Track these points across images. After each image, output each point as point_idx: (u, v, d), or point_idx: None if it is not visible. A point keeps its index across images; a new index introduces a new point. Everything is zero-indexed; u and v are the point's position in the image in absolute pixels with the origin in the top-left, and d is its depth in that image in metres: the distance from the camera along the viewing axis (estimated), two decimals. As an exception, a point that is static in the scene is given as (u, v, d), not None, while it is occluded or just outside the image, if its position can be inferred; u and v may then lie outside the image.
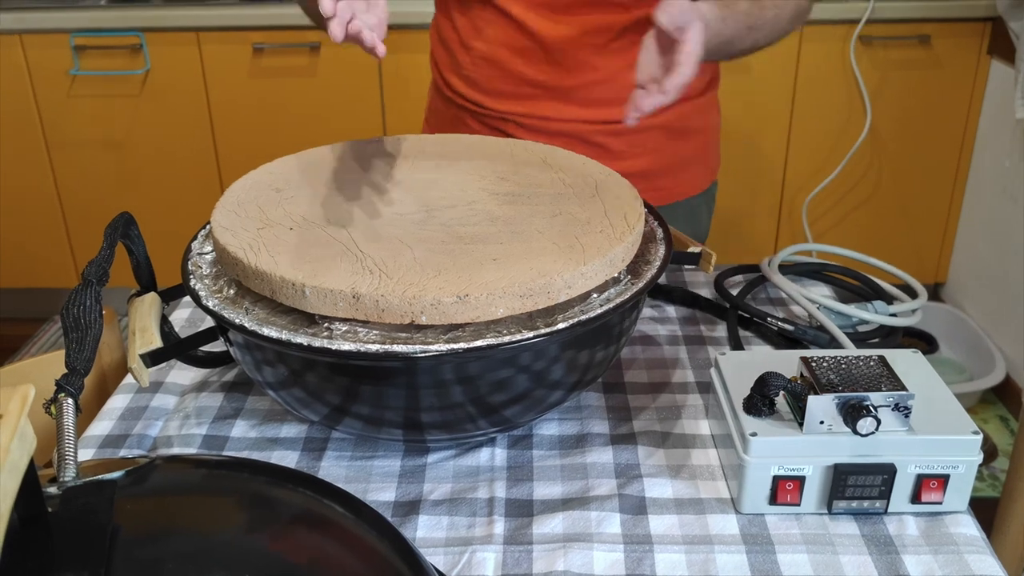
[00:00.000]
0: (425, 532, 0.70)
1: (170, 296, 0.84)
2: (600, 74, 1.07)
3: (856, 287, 1.03)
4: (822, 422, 0.68)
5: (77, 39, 2.29)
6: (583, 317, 0.68)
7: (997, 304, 2.25)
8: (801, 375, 0.71)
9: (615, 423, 0.82)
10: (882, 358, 0.72)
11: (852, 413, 0.67)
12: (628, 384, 0.88)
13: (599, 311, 0.69)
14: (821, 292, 1.00)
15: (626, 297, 0.71)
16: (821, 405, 0.68)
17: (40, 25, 2.28)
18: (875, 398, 0.68)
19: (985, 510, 0.89)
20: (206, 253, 0.80)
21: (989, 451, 1.99)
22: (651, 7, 1.03)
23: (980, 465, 0.70)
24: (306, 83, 2.33)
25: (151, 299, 0.79)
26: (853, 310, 0.92)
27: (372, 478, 0.77)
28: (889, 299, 0.98)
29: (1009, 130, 2.14)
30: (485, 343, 0.64)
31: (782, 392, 0.70)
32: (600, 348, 0.74)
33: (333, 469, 0.78)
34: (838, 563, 0.67)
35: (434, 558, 0.67)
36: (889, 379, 0.69)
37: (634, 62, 0.93)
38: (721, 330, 0.98)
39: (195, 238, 0.82)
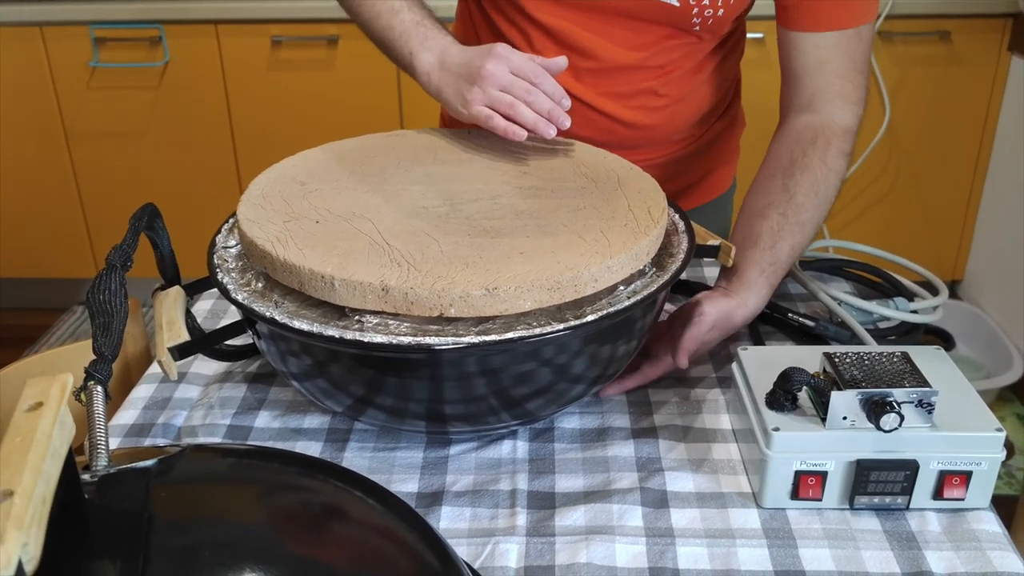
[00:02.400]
0: (448, 523, 0.71)
1: (194, 290, 0.84)
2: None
3: (876, 284, 1.03)
4: (845, 418, 0.69)
5: (97, 31, 2.30)
6: (612, 309, 0.68)
7: (1014, 302, 2.24)
8: (824, 371, 0.72)
9: (636, 417, 0.83)
10: (905, 354, 0.72)
11: (875, 409, 0.68)
12: (649, 378, 0.88)
13: (628, 303, 0.69)
14: (841, 288, 1.00)
15: (653, 289, 0.71)
16: (844, 401, 0.68)
17: (60, 17, 2.29)
18: (898, 394, 0.68)
19: (1002, 507, 0.89)
20: (231, 246, 0.80)
21: (1007, 449, 1.97)
22: (678, 35, 0.99)
23: (1000, 462, 0.70)
24: (324, 76, 2.34)
25: (176, 293, 0.80)
26: (875, 306, 0.92)
27: (395, 469, 0.77)
28: (910, 296, 0.97)
29: (1030, 128, 2.12)
30: (517, 335, 0.65)
31: (804, 387, 0.71)
32: (625, 341, 0.75)
33: (356, 460, 0.78)
34: (860, 558, 0.67)
35: (457, 549, 0.68)
36: (912, 375, 0.69)
37: (670, 78, 0.95)
38: (741, 325, 0.98)
39: (219, 232, 0.83)
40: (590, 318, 0.67)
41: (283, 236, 0.72)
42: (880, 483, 0.69)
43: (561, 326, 0.66)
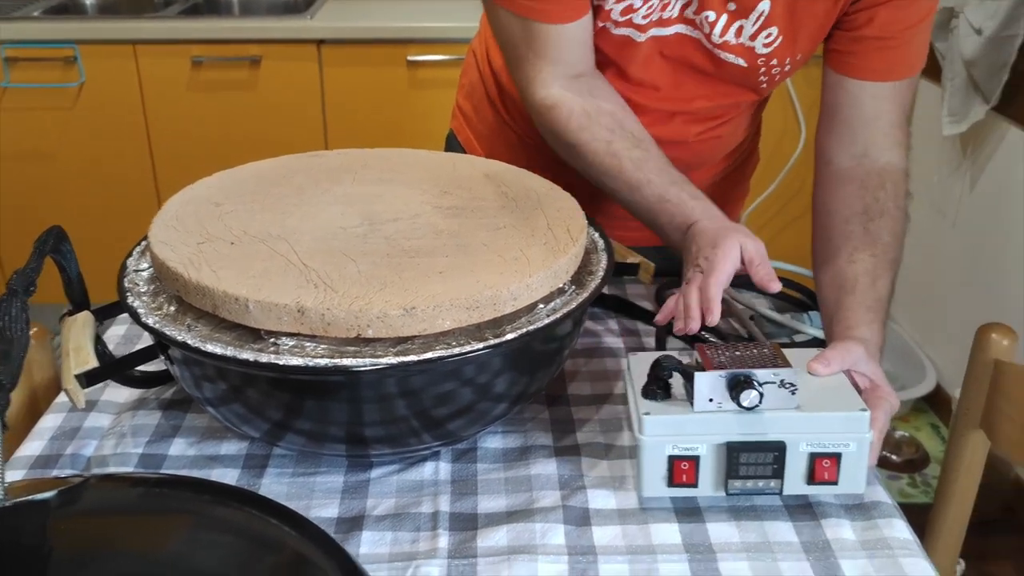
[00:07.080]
0: (369, 548, 0.70)
1: (104, 314, 0.82)
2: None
3: (796, 299, 1.05)
4: (711, 400, 0.70)
5: (8, 51, 2.23)
6: (531, 328, 0.69)
7: (927, 315, 2.32)
8: (696, 361, 0.72)
9: (559, 435, 0.83)
10: (776, 347, 0.73)
11: (737, 388, 0.69)
12: (571, 396, 0.89)
13: (547, 321, 0.70)
14: (761, 303, 1.02)
15: (573, 307, 0.72)
16: (708, 381, 0.69)
17: (-31, 36, 2.22)
18: (760, 375, 0.69)
19: (919, 515, 0.92)
20: (143, 270, 0.78)
21: (921, 458, 2.04)
22: (744, 93, 1.00)
23: (913, 472, 0.71)
24: (246, 97, 2.30)
25: (84, 318, 0.77)
26: (788, 320, 0.94)
27: (314, 494, 0.76)
28: (824, 310, 1.00)
29: (936, 146, 2.21)
30: (436, 355, 0.64)
31: (674, 373, 0.71)
32: (546, 359, 0.75)
33: (274, 486, 0.77)
34: (778, 569, 0.68)
35: (378, 574, 0.67)
36: (776, 359, 0.71)
37: (719, 135, 0.99)
38: (662, 342, 0.99)
39: (130, 255, 0.81)
40: (509, 337, 0.67)
41: (196, 258, 0.71)
42: (751, 466, 0.70)
43: (480, 345, 0.66)
